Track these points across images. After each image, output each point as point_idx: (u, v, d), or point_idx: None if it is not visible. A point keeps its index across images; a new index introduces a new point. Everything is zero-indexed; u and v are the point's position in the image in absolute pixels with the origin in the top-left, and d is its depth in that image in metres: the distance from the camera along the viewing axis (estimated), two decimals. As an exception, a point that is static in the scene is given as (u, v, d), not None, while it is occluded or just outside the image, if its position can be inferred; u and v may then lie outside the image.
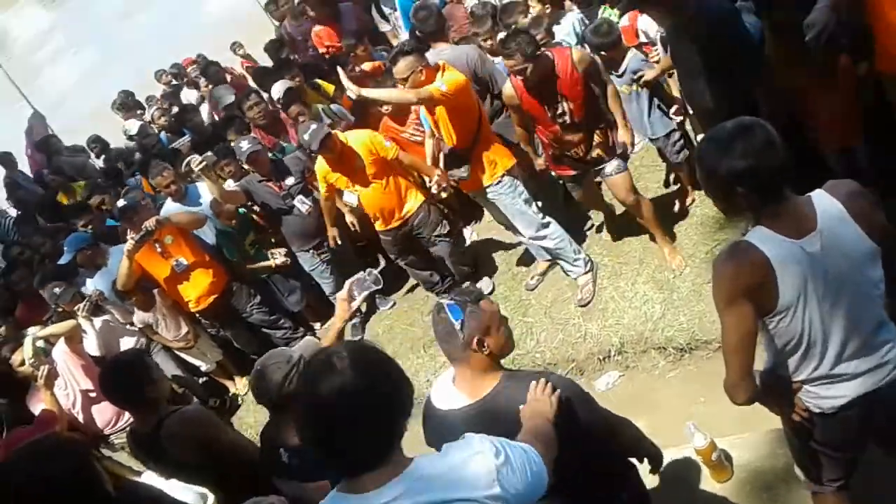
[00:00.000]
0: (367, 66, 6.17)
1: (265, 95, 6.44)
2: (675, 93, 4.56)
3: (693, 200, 4.87)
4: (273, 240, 5.68)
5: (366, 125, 5.32)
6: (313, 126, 4.82)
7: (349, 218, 5.51)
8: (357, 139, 4.83)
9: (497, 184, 4.56)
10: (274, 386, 2.62)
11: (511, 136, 4.78)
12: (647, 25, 4.71)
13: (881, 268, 2.12)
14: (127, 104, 9.27)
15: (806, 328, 2.09)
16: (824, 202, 2.08)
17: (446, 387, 2.28)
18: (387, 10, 6.91)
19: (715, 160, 2.02)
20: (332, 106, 5.68)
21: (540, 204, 4.82)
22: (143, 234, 4.99)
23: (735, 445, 3.29)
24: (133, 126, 8.31)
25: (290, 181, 5.39)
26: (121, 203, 5.44)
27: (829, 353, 2.13)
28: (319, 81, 6.44)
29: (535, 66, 3.93)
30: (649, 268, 4.61)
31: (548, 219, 4.68)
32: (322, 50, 7.10)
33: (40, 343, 4.86)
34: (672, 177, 5.16)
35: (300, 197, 5.39)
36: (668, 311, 4.32)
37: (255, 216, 5.76)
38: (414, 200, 4.99)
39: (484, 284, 5.30)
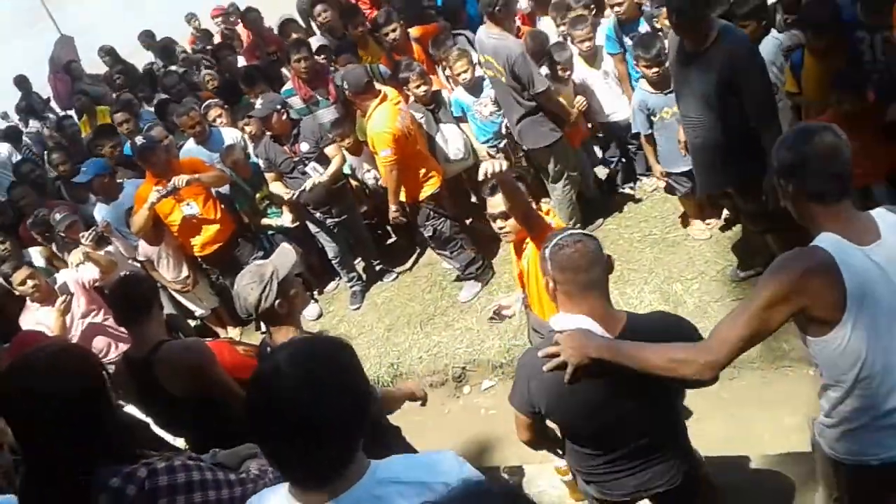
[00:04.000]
0: (414, 30, 5.96)
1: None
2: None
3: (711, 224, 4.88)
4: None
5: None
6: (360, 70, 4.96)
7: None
8: (378, 123, 4.81)
9: None
10: (251, 307, 2.57)
11: (539, 140, 4.79)
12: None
13: None
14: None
15: (862, 349, 1.93)
16: (886, 217, 2.01)
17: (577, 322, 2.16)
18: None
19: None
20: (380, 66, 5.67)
21: None
22: (171, 190, 4.97)
23: (720, 465, 3.27)
24: None
25: (304, 147, 5.25)
26: (139, 140, 5.34)
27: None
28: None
29: None
30: (658, 278, 4.59)
31: None
32: None
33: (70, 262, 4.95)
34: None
35: (313, 164, 5.26)
36: (670, 324, 4.29)
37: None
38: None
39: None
